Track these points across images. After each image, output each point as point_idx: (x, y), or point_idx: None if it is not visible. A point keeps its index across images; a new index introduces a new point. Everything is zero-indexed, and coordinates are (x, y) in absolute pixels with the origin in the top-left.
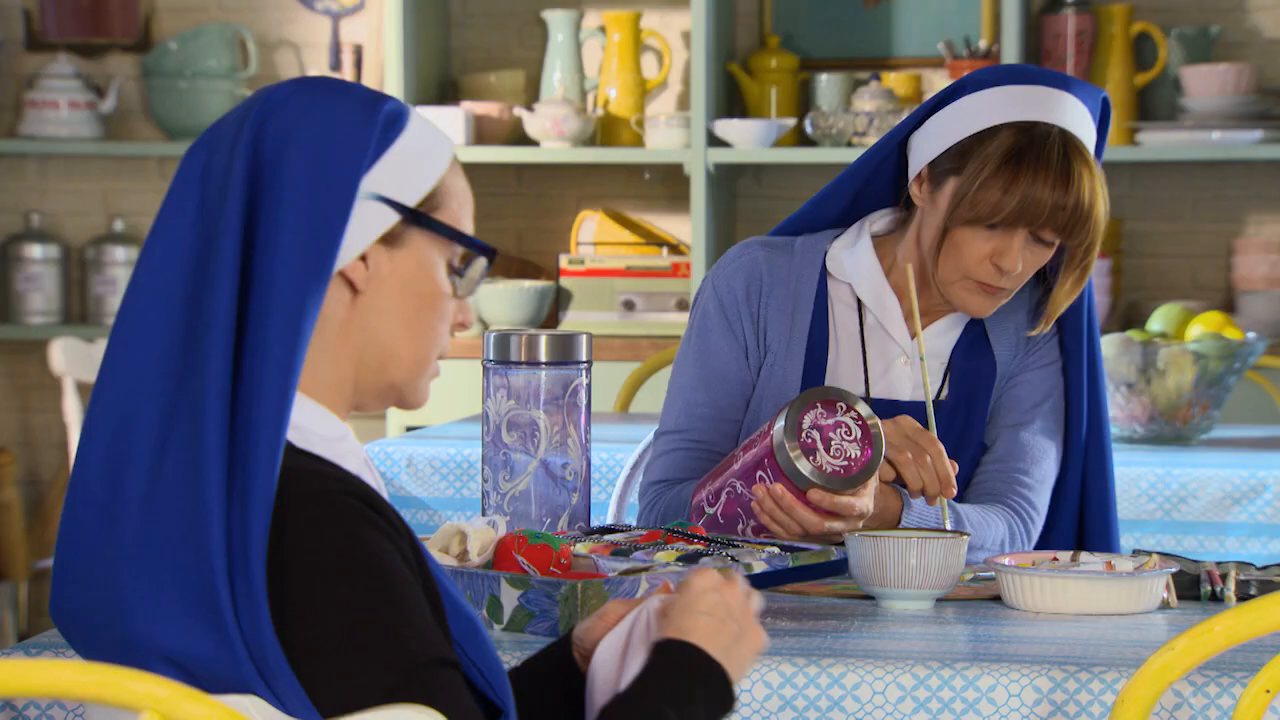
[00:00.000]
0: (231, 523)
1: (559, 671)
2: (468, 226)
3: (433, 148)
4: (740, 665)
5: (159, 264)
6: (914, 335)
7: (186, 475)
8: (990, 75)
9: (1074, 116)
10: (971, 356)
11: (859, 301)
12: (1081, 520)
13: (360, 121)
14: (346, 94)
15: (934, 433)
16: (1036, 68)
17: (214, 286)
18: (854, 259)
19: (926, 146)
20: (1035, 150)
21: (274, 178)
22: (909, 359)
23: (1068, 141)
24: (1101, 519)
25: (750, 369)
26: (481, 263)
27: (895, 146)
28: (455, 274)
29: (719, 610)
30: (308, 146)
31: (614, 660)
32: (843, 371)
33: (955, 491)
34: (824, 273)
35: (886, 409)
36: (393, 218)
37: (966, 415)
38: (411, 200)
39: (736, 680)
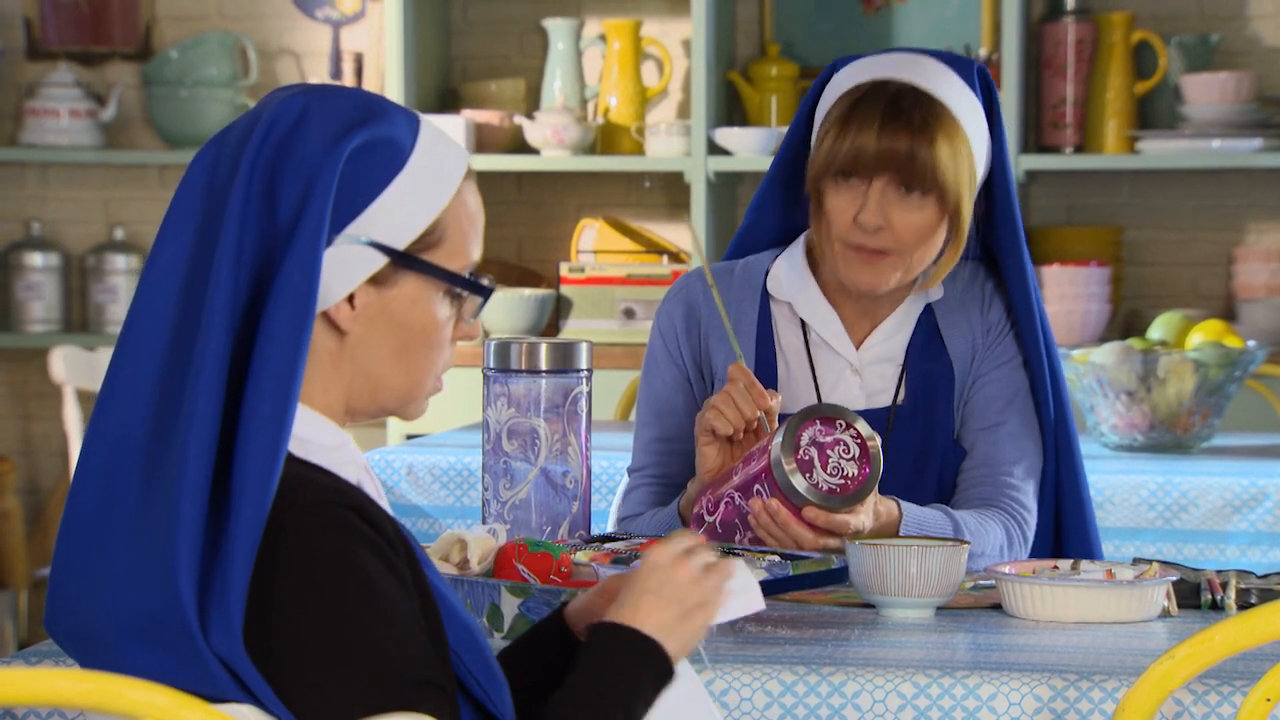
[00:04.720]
0: (214, 547)
1: (553, 647)
2: (475, 249)
3: (439, 175)
4: (682, 642)
5: (157, 279)
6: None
7: (164, 505)
8: (853, 56)
9: (924, 75)
10: (927, 358)
11: (802, 319)
12: (1058, 517)
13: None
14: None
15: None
16: (899, 48)
17: (208, 311)
18: (791, 277)
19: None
20: (867, 100)
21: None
22: (856, 369)
23: (904, 92)
24: (1078, 515)
25: (696, 398)
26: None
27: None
28: (456, 298)
29: (666, 590)
30: None
31: None
32: (795, 390)
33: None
34: (765, 294)
35: None
36: (381, 260)
37: (927, 418)
38: (404, 241)
39: (677, 657)
